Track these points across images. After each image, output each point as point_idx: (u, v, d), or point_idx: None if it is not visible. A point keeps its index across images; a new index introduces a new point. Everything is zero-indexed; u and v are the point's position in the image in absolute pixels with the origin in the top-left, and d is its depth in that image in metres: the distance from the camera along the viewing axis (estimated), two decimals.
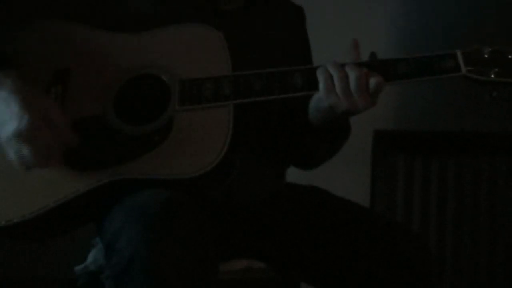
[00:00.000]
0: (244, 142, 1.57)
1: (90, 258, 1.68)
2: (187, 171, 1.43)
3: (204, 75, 1.51)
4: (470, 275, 2.68)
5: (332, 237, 1.61)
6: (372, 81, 1.47)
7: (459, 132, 2.72)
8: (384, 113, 2.64)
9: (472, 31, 2.63)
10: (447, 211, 2.70)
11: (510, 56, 1.50)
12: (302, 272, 1.66)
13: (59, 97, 1.53)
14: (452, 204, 2.70)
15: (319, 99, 1.50)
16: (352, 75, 1.47)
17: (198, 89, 1.50)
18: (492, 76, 1.49)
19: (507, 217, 2.68)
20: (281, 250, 1.65)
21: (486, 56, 1.50)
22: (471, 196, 2.69)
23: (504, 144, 2.71)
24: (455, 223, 2.69)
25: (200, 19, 1.60)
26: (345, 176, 2.64)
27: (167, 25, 1.58)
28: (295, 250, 1.64)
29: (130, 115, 1.52)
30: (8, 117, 1.42)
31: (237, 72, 1.51)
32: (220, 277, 1.52)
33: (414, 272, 1.55)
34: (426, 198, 2.70)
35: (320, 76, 1.49)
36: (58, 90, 1.54)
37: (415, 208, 2.71)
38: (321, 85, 1.49)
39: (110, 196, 1.46)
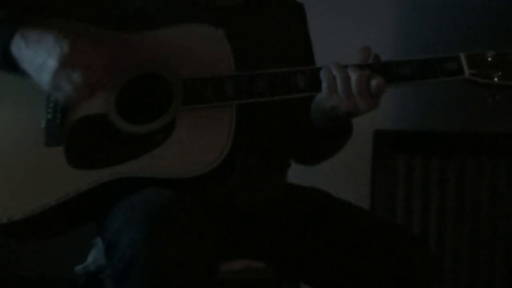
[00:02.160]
0: (245, 142, 1.57)
1: (90, 258, 1.68)
2: (188, 171, 1.44)
3: (206, 75, 1.52)
4: (470, 275, 2.68)
5: (332, 238, 1.61)
6: (373, 83, 1.47)
7: (459, 132, 2.72)
8: (384, 113, 2.62)
9: (476, 34, 2.63)
10: (447, 211, 2.69)
11: None
12: (302, 272, 1.66)
13: None
14: (452, 204, 2.70)
15: (321, 100, 1.51)
16: (353, 76, 1.47)
17: (201, 89, 1.50)
18: (496, 79, 1.48)
19: (507, 217, 2.68)
20: (281, 251, 1.65)
21: (489, 59, 1.49)
22: (471, 196, 2.69)
23: (505, 144, 2.71)
24: (455, 223, 2.69)
25: (201, 17, 1.61)
26: (345, 176, 2.64)
27: (170, 25, 1.58)
28: (295, 251, 1.64)
29: (133, 114, 1.52)
30: (45, 54, 1.43)
31: (240, 72, 1.52)
32: (220, 277, 1.52)
33: (414, 273, 1.55)
34: (426, 198, 2.70)
35: (323, 77, 1.49)
36: None
37: (415, 208, 2.70)
38: (324, 86, 1.49)
39: (111, 195, 1.46)
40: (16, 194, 1.49)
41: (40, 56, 1.44)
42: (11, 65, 1.48)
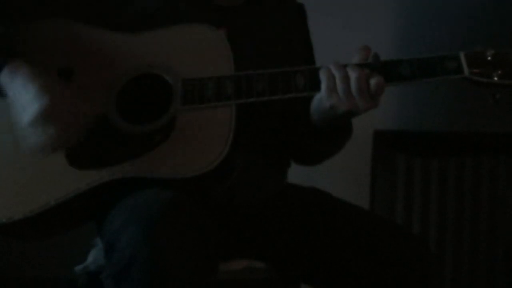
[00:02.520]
0: (245, 142, 1.57)
1: (90, 258, 1.68)
2: (188, 170, 1.44)
3: (206, 75, 1.52)
4: (470, 275, 2.68)
5: (332, 238, 1.61)
6: (373, 82, 1.47)
7: (459, 132, 2.72)
8: (384, 113, 2.63)
9: (476, 33, 2.63)
10: (447, 211, 2.69)
11: None
12: (302, 272, 1.66)
13: None
14: (452, 204, 2.70)
15: (321, 99, 1.51)
16: (353, 75, 1.47)
17: (200, 89, 1.50)
18: (495, 78, 1.48)
19: (507, 217, 2.68)
20: (281, 251, 1.65)
21: (489, 58, 1.49)
22: (471, 196, 2.69)
23: (505, 144, 2.71)
24: (455, 223, 2.69)
25: (202, 17, 1.61)
26: (345, 176, 2.64)
27: (170, 25, 1.58)
28: (295, 251, 1.64)
29: (132, 114, 1.52)
30: (28, 101, 1.45)
31: (240, 72, 1.52)
32: (220, 277, 1.52)
33: (414, 273, 1.55)
34: (426, 198, 2.70)
35: (323, 77, 1.49)
36: None
37: (415, 208, 2.70)
38: (323, 85, 1.49)
39: (111, 195, 1.46)
40: (16, 194, 1.49)
41: (22, 100, 1.46)
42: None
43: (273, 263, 1.68)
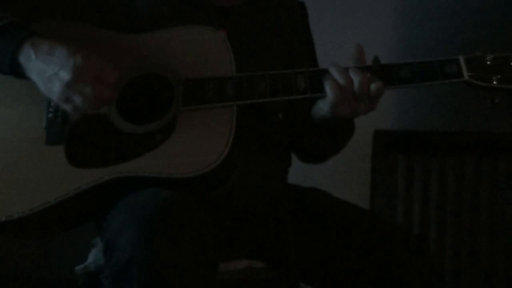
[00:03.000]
0: (246, 142, 1.57)
1: (90, 258, 1.68)
2: (188, 170, 1.44)
3: (207, 76, 1.52)
4: (470, 275, 2.68)
5: (332, 238, 1.61)
6: (373, 87, 1.48)
7: (459, 132, 2.72)
8: (384, 113, 2.63)
9: (476, 36, 2.64)
10: (447, 211, 2.69)
11: None
12: (302, 272, 1.66)
13: None
14: (452, 204, 2.70)
15: (322, 103, 1.51)
16: (356, 80, 1.48)
17: (202, 90, 1.51)
18: (495, 82, 1.49)
19: (507, 217, 2.68)
20: (281, 251, 1.65)
21: (488, 62, 1.50)
22: (471, 196, 2.69)
23: (504, 144, 2.71)
24: (455, 223, 2.69)
25: (203, 18, 1.61)
26: (345, 176, 2.64)
27: (171, 26, 1.58)
28: (295, 251, 1.64)
29: (134, 114, 1.53)
30: (57, 66, 1.44)
31: (241, 73, 1.52)
32: (220, 277, 1.52)
33: (414, 273, 1.55)
34: (426, 198, 2.70)
35: (326, 81, 1.49)
36: None
37: (415, 208, 2.70)
38: (326, 89, 1.49)
39: (111, 195, 1.46)
40: (15, 192, 1.49)
41: (51, 68, 1.45)
42: (17, 72, 1.49)
43: (273, 263, 1.68)
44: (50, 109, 1.55)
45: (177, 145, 1.47)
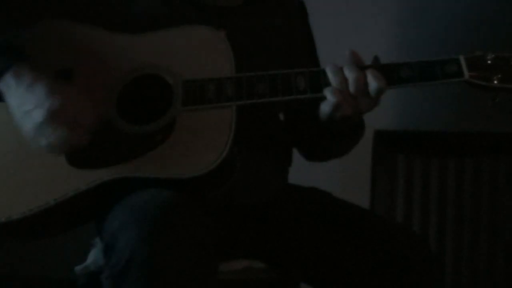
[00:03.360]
0: (246, 142, 1.57)
1: (90, 258, 1.68)
2: (188, 171, 1.44)
3: (207, 76, 1.52)
4: (470, 275, 2.68)
5: (333, 238, 1.61)
6: (370, 81, 1.47)
7: (459, 132, 2.72)
8: (384, 113, 2.63)
9: (476, 36, 2.64)
10: (447, 211, 2.69)
11: None
12: (302, 272, 1.66)
13: None
14: (452, 204, 2.70)
15: (324, 105, 1.51)
16: (350, 78, 1.47)
17: (201, 90, 1.51)
18: (495, 82, 1.49)
19: (507, 217, 2.68)
20: (281, 250, 1.65)
21: (489, 62, 1.50)
22: (471, 196, 2.69)
23: (504, 144, 2.71)
24: (455, 223, 2.69)
25: (202, 18, 1.61)
26: (345, 176, 2.64)
27: (170, 26, 1.58)
28: (295, 251, 1.64)
29: (133, 115, 1.53)
30: (33, 104, 1.43)
31: (240, 73, 1.52)
32: (220, 277, 1.52)
33: (415, 272, 1.55)
34: (426, 198, 2.70)
35: (328, 94, 1.49)
36: None
37: (415, 208, 2.71)
38: (325, 92, 1.49)
39: (111, 196, 1.46)
40: (15, 193, 1.49)
41: (27, 105, 1.44)
42: None
43: (273, 263, 1.68)
44: None
45: (177, 146, 1.47)
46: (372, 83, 1.47)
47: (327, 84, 1.50)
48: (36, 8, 1.60)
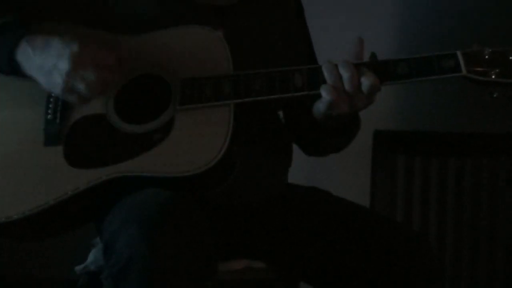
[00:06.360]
0: (244, 141, 1.57)
1: (90, 258, 1.68)
2: (186, 169, 1.44)
3: (205, 75, 1.52)
4: (470, 275, 2.68)
5: (333, 237, 1.61)
6: (364, 80, 1.47)
7: (459, 132, 2.72)
8: (384, 113, 2.63)
9: (473, 32, 2.64)
10: (447, 211, 2.69)
11: (511, 57, 1.49)
12: (302, 272, 1.66)
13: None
14: (452, 204, 2.70)
15: (319, 103, 1.51)
16: (344, 76, 1.47)
17: (199, 89, 1.51)
18: (493, 76, 1.49)
19: (507, 217, 2.68)
20: (281, 250, 1.65)
21: (486, 56, 1.50)
22: (471, 196, 2.69)
23: (505, 144, 2.71)
24: (455, 223, 2.69)
25: (199, 18, 1.61)
26: (345, 176, 2.65)
27: (168, 26, 1.58)
28: (295, 250, 1.64)
29: (132, 114, 1.53)
30: (54, 57, 1.44)
31: (238, 72, 1.52)
32: (220, 277, 1.52)
33: (416, 270, 1.55)
34: (426, 198, 2.70)
35: (324, 92, 1.49)
36: None
37: (415, 208, 2.70)
38: (321, 90, 1.49)
39: (110, 195, 1.46)
40: (14, 193, 1.49)
41: (49, 61, 1.45)
42: (16, 71, 1.49)
43: (273, 263, 1.68)
44: (49, 111, 1.55)
45: (176, 144, 1.47)
46: (365, 81, 1.47)
47: (325, 81, 1.50)
48: (34, 9, 1.60)
